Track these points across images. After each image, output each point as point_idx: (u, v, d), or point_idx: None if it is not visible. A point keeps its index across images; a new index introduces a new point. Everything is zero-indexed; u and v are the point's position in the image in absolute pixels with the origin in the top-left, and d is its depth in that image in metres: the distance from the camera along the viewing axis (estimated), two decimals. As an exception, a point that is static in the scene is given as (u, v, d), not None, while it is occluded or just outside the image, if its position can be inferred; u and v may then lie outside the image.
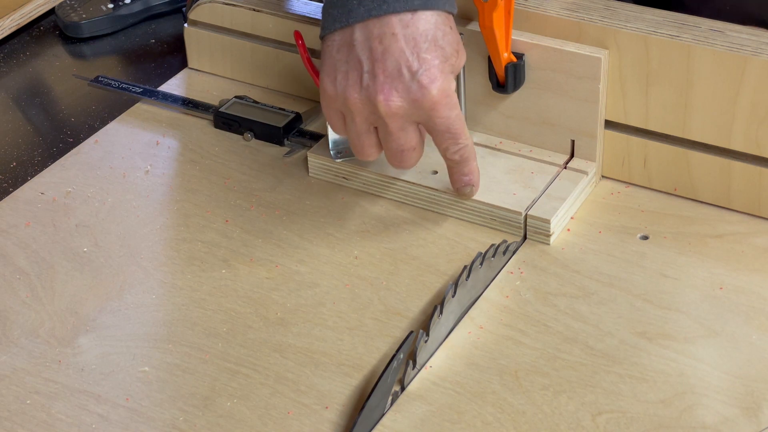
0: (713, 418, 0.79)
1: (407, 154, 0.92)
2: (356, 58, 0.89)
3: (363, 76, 0.88)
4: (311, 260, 0.94)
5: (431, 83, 0.88)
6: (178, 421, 0.81)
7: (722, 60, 0.91)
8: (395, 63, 0.87)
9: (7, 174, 1.07)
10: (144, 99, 1.14)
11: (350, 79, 0.89)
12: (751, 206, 0.96)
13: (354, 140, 0.93)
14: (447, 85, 0.89)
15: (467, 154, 0.93)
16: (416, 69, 0.87)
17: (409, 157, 0.92)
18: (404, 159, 0.92)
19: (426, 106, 0.88)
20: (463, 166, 0.93)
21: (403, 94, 0.88)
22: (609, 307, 0.88)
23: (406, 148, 0.91)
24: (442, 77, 0.88)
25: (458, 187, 0.95)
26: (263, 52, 1.13)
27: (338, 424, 0.80)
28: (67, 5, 1.29)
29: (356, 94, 0.89)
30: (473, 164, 0.94)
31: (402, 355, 0.82)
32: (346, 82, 0.89)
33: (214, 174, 1.04)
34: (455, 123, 0.90)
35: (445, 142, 0.91)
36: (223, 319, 0.89)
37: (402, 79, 0.87)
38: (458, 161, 0.93)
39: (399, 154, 0.92)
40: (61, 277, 0.94)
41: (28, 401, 0.83)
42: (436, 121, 0.89)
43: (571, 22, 0.95)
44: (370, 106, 0.89)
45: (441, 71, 0.88)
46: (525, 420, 0.80)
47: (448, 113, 0.89)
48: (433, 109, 0.88)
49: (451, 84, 0.89)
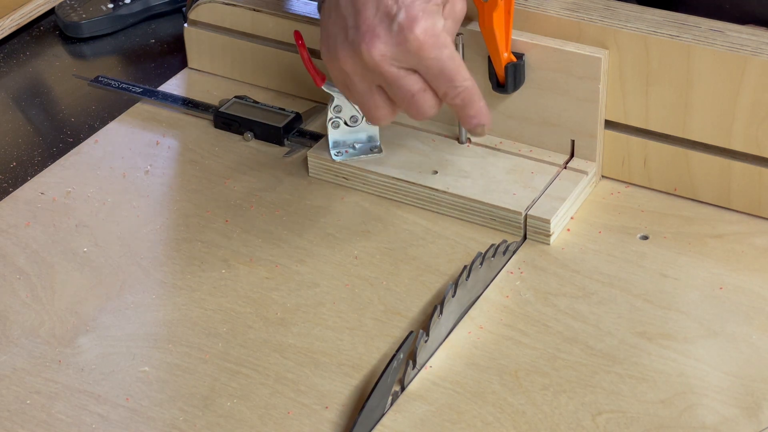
0: (713, 418, 0.79)
1: (419, 98, 0.86)
2: (341, 15, 0.86)
3: (348, 32, 0.86)
4: (311, 260, 0.94)
5: (413, 23, 0.83)
6: (178, 421, 0.81)
7: (722, 60, 0.91)
8: (375, 11, 0.84)
9: (7, 174, 1.07)
10: (144, 99, 1.14)
11: (339, 39, 0.86)
12: (751, 206, 0.96)
13: (361, 105, 0.90)
14: (431, 23, 0.84)
15: (469, 97, 0.87)
16: (395, 12, 0.84)
17: (424, 101, 0.87)
18: (419, 105, 0.87)
19: (412, 49, 0.84)
20: (467, 108, 0.88)
21: (386, 39, 0.84)
22: (609, 307, 0.88)
23: (415, 90, 0.86)
24: (425, 16, 0.84)
25: (469, 128, 0.90)
26: (263, 52, 1.13)
27: (338, 424, 0.80)
28: (67, 5, 1.29)
29: (344, 51, 0.86)
30: (479, 104, 0.88)
31: (402, 355, 0.82)
32: (335, 44, 0.87)
33: (214, 174, 1.04)
34: (447, 63, 0.85)
35: (442, 86, 0.86)
36: (223, 319, 0.89)
37: (383, 24, 0.84)
38: (461, 105, 0.88)
39: (411, 101, 0.86)
40: (61, 277, 0.94)
41: (28, 401, 0.83)
42: (427, 63, 0.85)
43: (571, 22, 0.95)
44: (359, 59, 0.85)
45: (423, 11, 0.84)
46: (525, 420, 0.80)
47: (437, 53, 0.84)
48: (420, 50, 0.84)
49: (437, 23, 0.84)
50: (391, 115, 0.90)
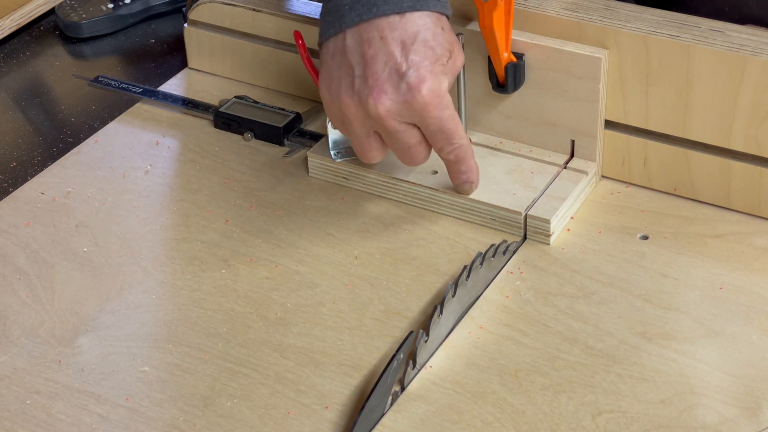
0: (713, 418, 0.79)
1: (414, 149, 0.92)
2: (348, 63, 0.89)
3: (355, 80, 0.89)
4: (311, 260, 0.94)
5: (420, 84, 0.88)
6: (178, 421, 0.81)
7: (722, 60, 0.91)
8: (384, 66, 0.88)
9: (7, 174, 1.07)
10: (144, 99, 1.14)
11: (343, 84, 0.89)
12: (751, 206, 0.96)
13: (355, 145, 0.93)
14: (437, 85, 0.88)
15: (462, 153, 0.93)
16: (404, 70, 0.87)
17: (418, 153, 0.92)
18: (413, 155, 0.92)
19: (417, 108, 0.88)
20: (460, 164, 0.93)
21: (393, 96, 0.88)
22: (609, 307, 0.88)
23: (412, 144, 0.91)
24: (432, 77, 0.88)
25: (457, 184, 0.95)
26: (263, 52, 1.13)
27: (338, 424, 0.80)
28: (67, 5, 1.29)
29: (348, 99, 0.89)
30: (470, 162, 0.94)
31: (402, 355, 0.82)
32: (339, 88, 0.90)
33: (214, 174, 1.04)
34: (448, 123, 0.90)
35: (439, 142, 0.91)
36: (223, 319, 0.89)
37: (391, 81, 0.88)
38: (454, 161, 0.93)
39: (406, 151, 0.92)
40: (61, 277, 0.94)
41: (28, 401, 0.83)
42: (429, 121, 0.89)
43: (571, 22, 0.95)
44: (363, 109, 0.89)
45: (431, 72, 0.88)
46: (525, 420, 0.80)
47: (440, 113, 0.89)
48: (424, 109, 0.88)
49: (442, 84, 0.89)
50: (382, 156, 0.94)
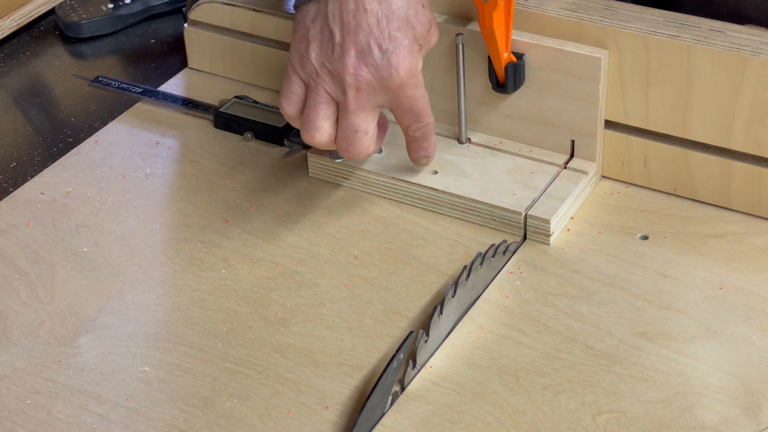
0: (713, 418, 0.79)
1: (359, 136, 0.91)
2: (329, 29, 0.89)
3: (335, 47, 0.89)
4: (311, 260, 0.94)
5: (400, 63, 0.89)
6: (178, 421, 0.81)
7: (722, 60, 0.91)
8: (366, 38, 0.88)
9: (7, 174, 1.07)
10: (144, 99, 1.14)
11: (322, 49, 0.90)
12: (751, 206, 0.96)
13: (309, 111, 0.91)
14: (414, 65, 0.90)
15: (428, 131, 0.95)
16: (386, 47, 0.88)
17: (360, 142, 0.91)
18: (354, 142, 0.91)
19: (393, 86, 0.89)
20: (422, 141, 0.95)
21: (372, 70, 0.89)
22: (609, 307, 0.88)
23: (360, 129, 0.91)
24: (411, 57, 0.89)
25: (415, 158, 0.97)
26: (263, 52, 1.13)
27: (338, 424, 0.80)
28: (67, 5, 1.29)
29: (327, 64, 0.90)
30: (432, 139, 0.96)
31: (402, 355, 0.82)
32: (317, 52, 0.90)
33: (214, 174, 1.04)
34: (419, 102, 0.92)
35: (407, 119, 0.93)
36: (223, 319, 0.89)
37: (372, 54, 0.88)
38: (419, 138, 0.95)
39: (351, 134, 0.91)
40: (61, 277, 0.94)
41: (28, 401, 0.83)
42: (401, 99, 0.91)
43: (571, 22, 0.95)
44: (337, 77, 0.89)
45: (410, 51, 0.89)
46: (525, 420, 0.80)
47: (413, 92, 0.91)
48: (399, 88, 0.90)
49: (418, 63, 0.91)
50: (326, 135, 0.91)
